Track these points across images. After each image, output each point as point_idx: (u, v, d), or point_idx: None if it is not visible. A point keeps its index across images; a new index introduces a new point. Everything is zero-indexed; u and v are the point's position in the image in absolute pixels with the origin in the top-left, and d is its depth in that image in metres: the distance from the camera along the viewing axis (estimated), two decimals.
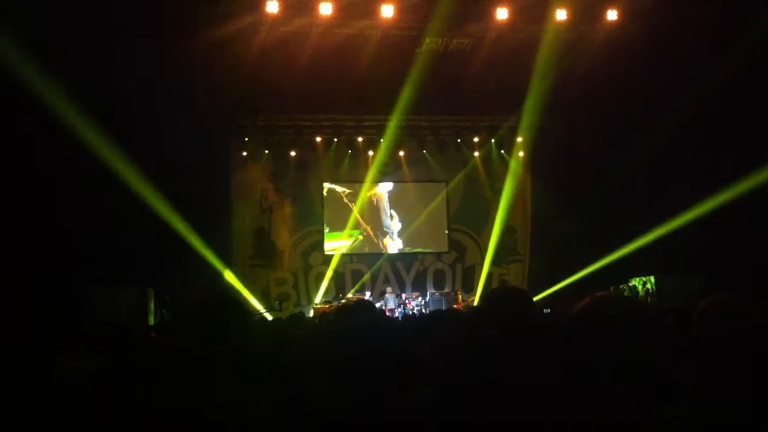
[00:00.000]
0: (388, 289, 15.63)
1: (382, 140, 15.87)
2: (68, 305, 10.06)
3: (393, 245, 16.88)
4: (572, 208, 14.45)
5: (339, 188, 16.85)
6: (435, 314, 3.94)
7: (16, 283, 9.23)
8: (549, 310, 10.80)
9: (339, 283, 16.37)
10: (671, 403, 1.65)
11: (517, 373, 1.78)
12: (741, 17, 11.22)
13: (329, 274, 16.23)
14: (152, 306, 12.25)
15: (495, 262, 16.68)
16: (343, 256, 16.56)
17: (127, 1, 10.72)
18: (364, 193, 16.74)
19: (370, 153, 16.40)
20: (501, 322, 1.87)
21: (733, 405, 1.56)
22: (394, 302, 14.86)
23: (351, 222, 16.65)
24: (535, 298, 14.82)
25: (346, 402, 1.91)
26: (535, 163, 16.82)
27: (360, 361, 1.96)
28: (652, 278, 13.26)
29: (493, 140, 16.75)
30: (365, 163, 16.44)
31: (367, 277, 16.54)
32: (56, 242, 10.94)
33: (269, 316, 11.99)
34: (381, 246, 16.80)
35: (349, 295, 15.73)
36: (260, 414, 1.89)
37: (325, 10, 11.17)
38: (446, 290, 16.36)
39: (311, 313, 14.16)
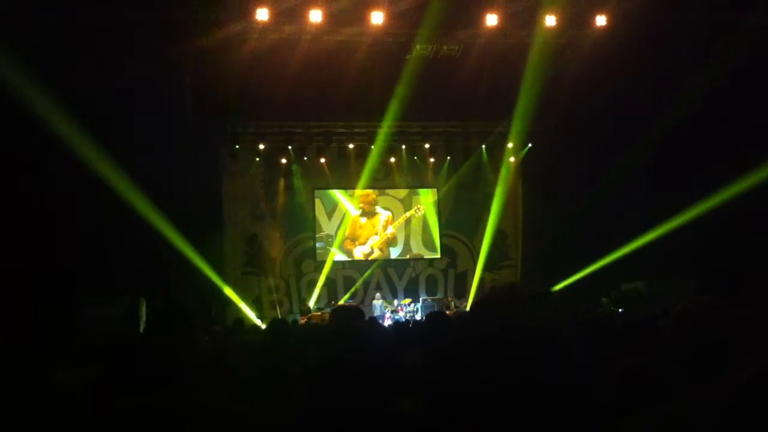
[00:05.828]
0: (377, 295, 15.60)
1: (373, 146, 15.88)
2: (59, 314, 9.99)
3: (385, 251, 16.85)
4: (563, 212, 14.50)
5: (330, 195, 16.85)
6: (432, 321, 3.88)
7: (8, 291, 9.17)
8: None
9: (331, 290, 16.34)
10: (662, 403, 1.66)
11: (505, 374, 1.77)
12: (729, 22, 11.32)
13: (321, 281, 16.18)
14: (143, 314, 12.18)
15: (487, 267, 16.70)
16: (335, 262, 16.52)
17: (117, 8, 10.69)
18: (355, 199, 16.75)
19: (362, 159, 16.39)
20: (488, 324, 1.86)
21: (712, 405, 1.57)
22: (381, 309, 14.83)
23: (343, 228, 16.63)
24: None
25: (327, 406, 1.90)
26: (525, 168, 16.89)
27: (344, 366, 1.95)
28: (643, 282, 13.30)
29: (483, 146, 16.81)
30: (356, 170, 16.40)
31: (359, 283, 16.52)
32: (47, 250, 10.88)
33: (262, 325, 11.96)
34: (373, 252, 16.78)
35: (341, 302, 15.71)
36: (246, 418, 1.88)
37: (315, 17, 11.17)
38: (439, 296, 16.37)
39: (303, 320, 14.12)
